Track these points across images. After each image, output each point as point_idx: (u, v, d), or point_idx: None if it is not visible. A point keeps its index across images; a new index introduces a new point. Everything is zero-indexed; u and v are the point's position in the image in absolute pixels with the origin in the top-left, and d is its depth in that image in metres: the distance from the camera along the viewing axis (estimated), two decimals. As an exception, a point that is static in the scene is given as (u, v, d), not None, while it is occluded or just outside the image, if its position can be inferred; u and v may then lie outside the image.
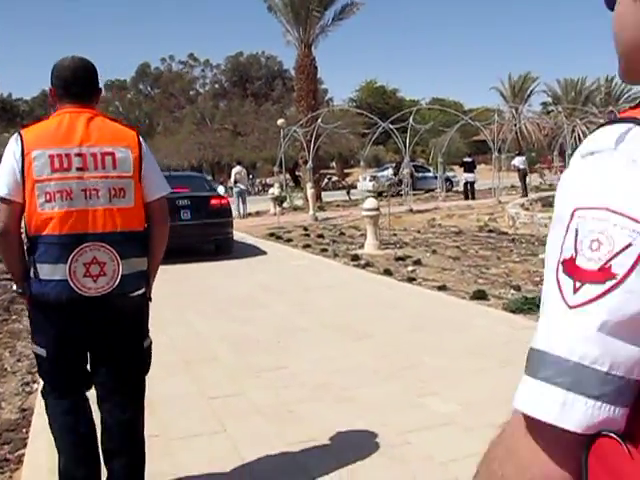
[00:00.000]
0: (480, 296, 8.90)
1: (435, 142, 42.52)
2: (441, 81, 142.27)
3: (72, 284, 3.14)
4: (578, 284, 0.79)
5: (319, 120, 28.36)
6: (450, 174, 39.33)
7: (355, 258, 13.17)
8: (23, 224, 3.26)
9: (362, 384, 5.57)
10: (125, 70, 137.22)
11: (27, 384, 6.30)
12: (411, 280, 10.56)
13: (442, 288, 9.68)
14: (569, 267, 0.80)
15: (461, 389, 5.36)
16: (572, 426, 0.77)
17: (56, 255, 3.15)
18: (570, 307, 0.79)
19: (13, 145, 3.17)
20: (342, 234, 18.43)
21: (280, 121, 30.68)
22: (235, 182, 27.17)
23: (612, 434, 0.77)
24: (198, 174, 20.89)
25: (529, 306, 7.91)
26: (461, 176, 33.57)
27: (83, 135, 3.22)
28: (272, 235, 18.70)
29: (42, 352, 3.35)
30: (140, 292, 3.42)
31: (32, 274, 3.22)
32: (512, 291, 9.32)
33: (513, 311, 7.93)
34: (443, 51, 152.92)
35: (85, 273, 3.15)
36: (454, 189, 37.38)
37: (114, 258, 3.21)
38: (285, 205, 28.52)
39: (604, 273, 0.77)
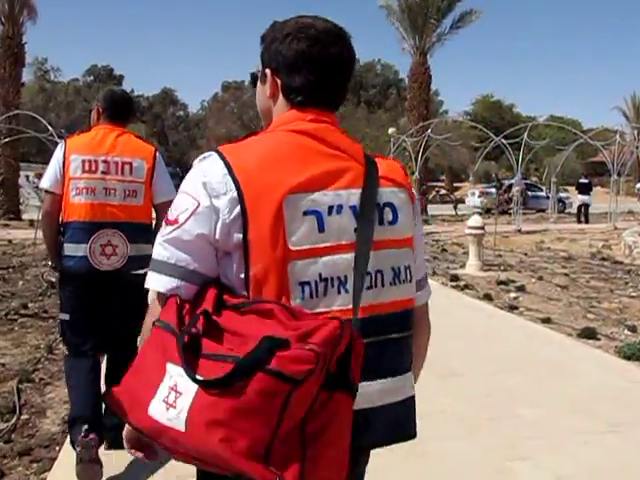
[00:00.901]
0: (589, 334, 7.91)
1: (550, 161, 40.86)
2: (560, 98, 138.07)
3: (91, 260, 4.05)
4: (167, 225, 1.68)
5: (429, 130, 27.52)
6: (563, 195, 37.58)
7: (454, 278, 12.34)
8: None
9: (440, 435, 4.75)
10: (244, 72, 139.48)
11: None
12: (513, 309, 9.65)
13: (546, 321, 8.74)
14: (167, 219, 1.69)
15: (559, 455, 4.49)
16: (160, 289, 1.67)
17: (80, 237, 4.05)
18: (162, 236, 1.69)
19: (58, 150, 4.15)
20: (444, 250, 17.55)
21: (391, 130, 30.13)
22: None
23: (177, 296, 1.63)
24: None
25: (647, 353, 6.90)
26: (575, 197, 31.90)
27: (110, 147, 4.13)
28: (370, 246, 17.94)
29: (66, 317, 4.27)
30: (144, 271, 4.03)
31: (62, 252, 4.13)
32: (626, 331, 8.31)
33: (628, 357, 6.92)
34: (563, 66, 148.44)
35: (101, 252, 4.07)
36: (566, 211, 35.67)
37: (124, 242, 4.10)
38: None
39: (175, 220, 1.66)
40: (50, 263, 4.67)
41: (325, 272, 1.62)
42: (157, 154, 4.29)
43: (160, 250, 1.68)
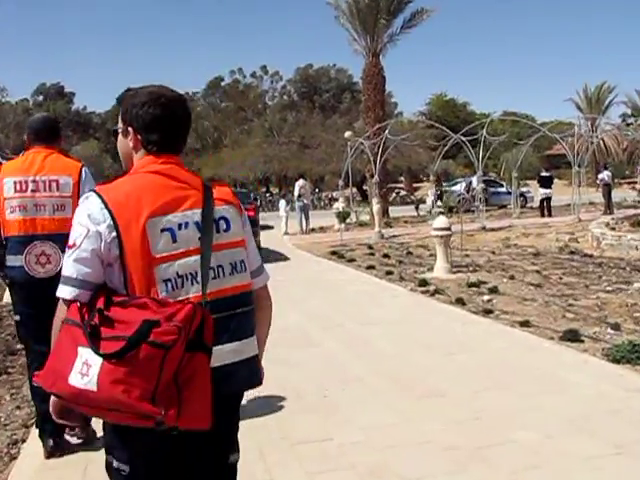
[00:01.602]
0: (572, 337, 7.40)
1: (506, 156, 40.79)
2: (512, 94, 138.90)
3: (27, 269, 4.56)
4: (69, 249, 2.24)
5: (386, 131, 27.10)
6: (524, 189, 37.40)
7: (423, 283, 11.78)
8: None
9: (427, 471, 4.20)
10: (198, 82, 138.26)
11: (15, 443, 5.24)
12: (488, 312, 9.12)
13: (525, 324, 8.21)
14: (68, 245, 2.26)
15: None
16: (66, 296, 2.22)
17: (17, 249, 4.57)
18: (67, 256, 2.25)
19: None
20: (410, 254, 17.04)
21: (347, 134, 29.65)
22: (299, 196, 26.06)
23: (77, 300, 2.19)
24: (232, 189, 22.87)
25: (638, 355, 6.40)
26: (537, 192, 31.69)
27: (39, 167, 4.66)
28: (334, 254, 17.51)
29: (17, 318, 4.93)
30: None
31: (6, 263, 4.67)
32: (610, 330, 7.81)
33: (617, 360, 6.42)
34: (514, 62, 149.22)
35: (36, 262, 4.56)
36: (528, 205, 35.53)
37: (57, 252, 4.47)
38: (350, 221, 27.25)
39: (74, 244, 2.23)
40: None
41: (181, 271, 2.24)
42: (83, 170, 4.78)
43: (66, 267, 2.26)
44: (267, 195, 52.83)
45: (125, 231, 2.19)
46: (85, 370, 2.03)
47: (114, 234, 2.19)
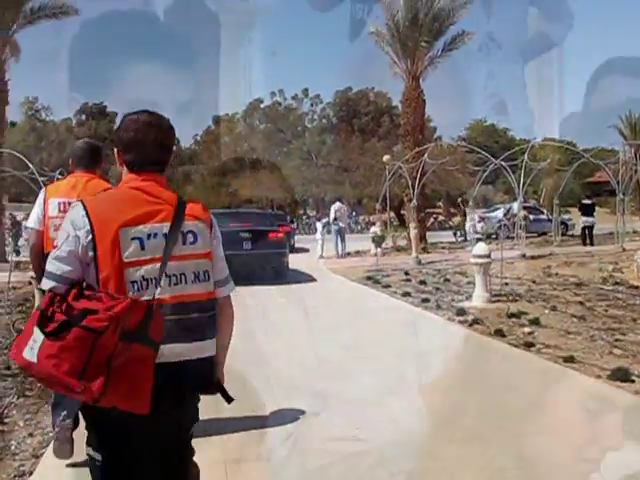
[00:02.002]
0: (622, 376, 6.91)
1: (547, 183, 40.14)
2: (552, 120, 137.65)
3: None
4: (53, 250, 2.65)
5: (425, 156, 26.72)
6: (565, 217, 36.70)
7: (461, 312, 11.33)
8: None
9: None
10: (235, 105, 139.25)
11: (22, 476, 4.95)
12: (529, 346, 8.65)
13: (569, 360, 7.75)
14: (53, 245, 2.75)
15: None
16: (44, 287, 2.59)
17: None
18: (50, 255, 2.64)
19: (41, 195, 5.22)
20: (447, 280, 16.54)
21: (386, 157, 29.48)
22: (335, 219, 25.71)
23: (55, 291, 2.51)
24: (263, 211, 25.70)
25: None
26: (578, 219, 31.02)
27: (81, 190, 4.98)
28: (369, 279, 17.12)
29: None
30: None
31: None
32: (662, 371, 7.30)
33: (676, 406, 5.93)
34: (554, 88, 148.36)
35: None
36: (569, 232, 34.79)
37: None
38: (386, 245, 26.80)
39: (56, 245, 2.69)
40: (38, 286, 5.29)
41: (146, 275, 2.58)
42: None
43: (48, 264, 2.63)
44: (304, 217, 52.73)
45: (99, 237, 2.55)
46: (32, 345, 2.39)
47: (90, 238, 2.56)
